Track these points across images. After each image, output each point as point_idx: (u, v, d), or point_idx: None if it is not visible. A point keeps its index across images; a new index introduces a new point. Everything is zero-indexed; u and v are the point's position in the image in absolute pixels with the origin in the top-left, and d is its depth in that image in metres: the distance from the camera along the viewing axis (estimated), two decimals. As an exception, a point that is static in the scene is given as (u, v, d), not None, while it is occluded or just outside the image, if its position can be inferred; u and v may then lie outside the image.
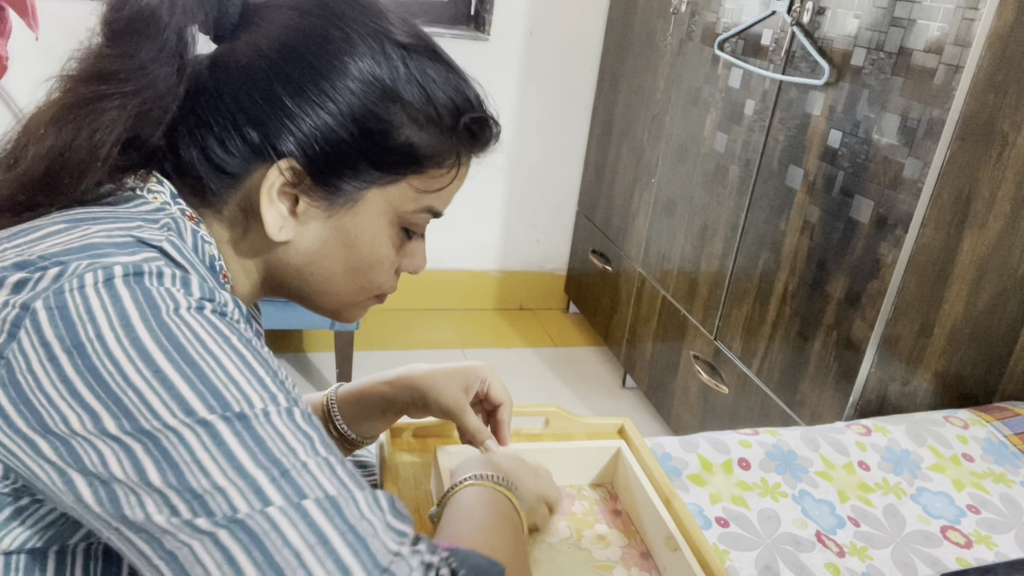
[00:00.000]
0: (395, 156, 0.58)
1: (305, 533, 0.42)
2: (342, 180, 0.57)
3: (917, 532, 1.02)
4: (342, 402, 0.82)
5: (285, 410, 0.46)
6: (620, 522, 0.84)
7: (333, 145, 0.56)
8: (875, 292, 1.31)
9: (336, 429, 0.81)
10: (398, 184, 0.59)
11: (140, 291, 0.45)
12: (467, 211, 2.65)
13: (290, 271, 0.61)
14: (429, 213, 0.62)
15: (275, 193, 0.56)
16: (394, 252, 0.62)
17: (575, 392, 2.30)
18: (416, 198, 0.60)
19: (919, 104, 1.23)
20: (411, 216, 0.61)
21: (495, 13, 2.41)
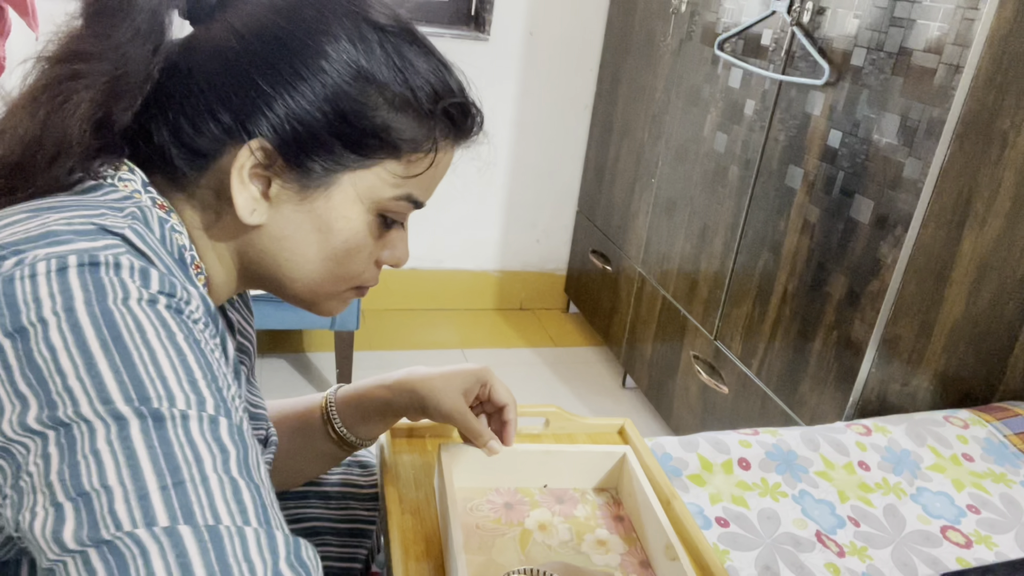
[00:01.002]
0: (370, 139, 0.56)
1: (171, 565, 0.39)
2: (315, 162, 0.56)
3: (917, 532, 1.02)
4: (341, 404, 0.82)
5: (208, 417, 0.44)
6: (622, 528, 0.84)
7: (306, 126, 0.54)
8: (875, 292, 1.31)
9: (335, 431, 0.81)
10: (374, 169, 0.58)
11: (91, 279, 0.44)
12: (467, 211, 2.65)
13: (264, 257, 0.59)
14: (409, 202, 0.61)
15: (246, 174, 0.55)
16: (372, 241, 0.61)
17: (575, 392, 2.30)
18: (394, 184, 0.59)
19: (919, 104, 1.23)
20: (389, 204, 0.60)
21: (495, 13, 2.41)
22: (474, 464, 0.85)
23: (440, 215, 2.62)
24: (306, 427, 0.82)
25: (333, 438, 0.82)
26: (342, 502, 0.88)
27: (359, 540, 0.87)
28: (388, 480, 0.84)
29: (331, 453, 0.83)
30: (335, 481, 0.90)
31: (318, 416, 0.82)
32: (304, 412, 0.83)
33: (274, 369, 2.21)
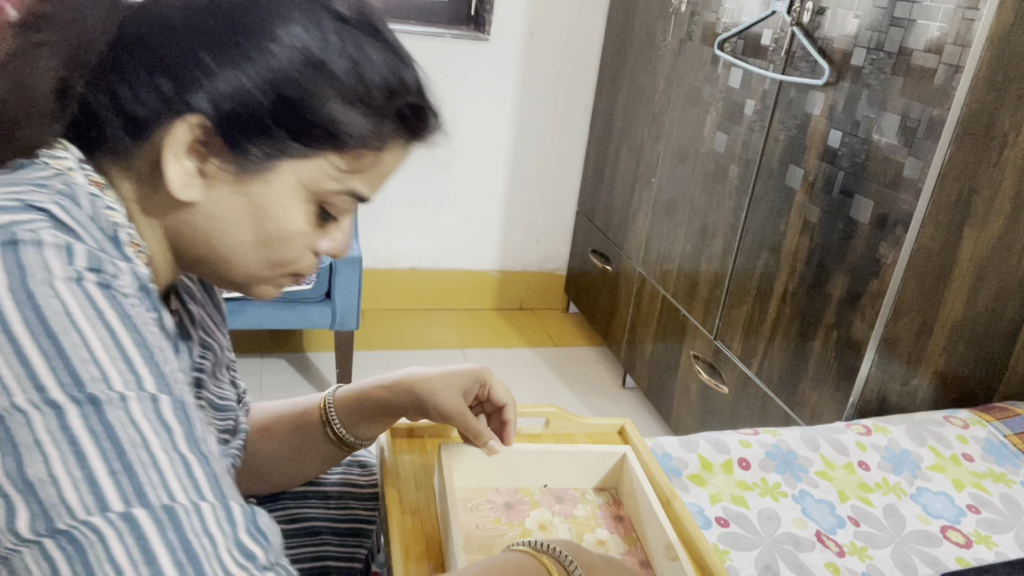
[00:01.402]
0: (314, 130, 0.54)
1: (131, 548, 0.39)
2: (254, 146, 0.54)
3: (917, 532, 1.02)
4: (339, 405, 0.82)
5: (149, 396, 0.43)
6: (622, 528, 0.84)
7: (248, 108, 0.53)
8: (875, 292, 1.31)
9: (334, 432, 0.81)
10: (316, 160, 0.56)
11: (13, 258, 0.42)
12: (467, 211, 2.65)
13: (197, 237, 0.57)
14: (352, 196, 0.59)
15: (181, 149, 0.53)
16: (310, 230, 0.59)
17: (575, 392, 2.30)
18: (337, 178, 0.57)
19: (919, 104, 1.23)
20: (330, 196, 0.58)
21: (495, 13, 2.41)
22: (474, 464, 0.85)
23: (440, 215, 2.62)
24: (304, 428, 0.82)
25: (332, 439, 0.81)
26: (341, 502, 0.88)
27: (359, 540, 0.87)
28: (388, 480, 0.84)
29: (330, 454, 0.83)
30: (335, 481, 0.90)
31: (316, 417, 0.82)
32: (302, 413, 0.82)
33: (274, 369, 2.21)
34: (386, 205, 2.55)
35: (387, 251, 2.62)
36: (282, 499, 0.86)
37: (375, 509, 0.90)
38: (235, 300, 1.87)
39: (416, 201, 2.58)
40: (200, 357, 0.68)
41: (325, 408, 0.82)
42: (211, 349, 0.71)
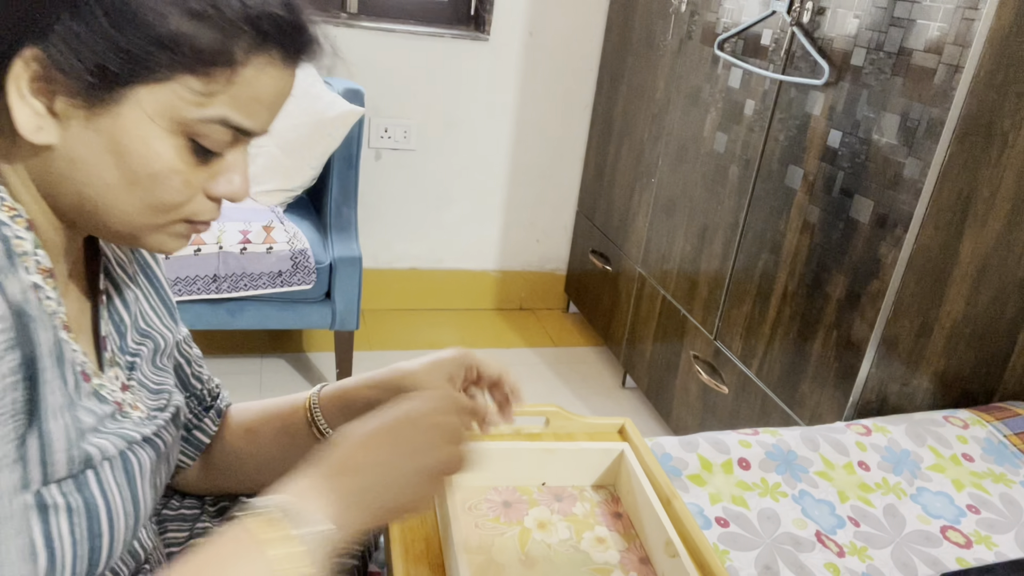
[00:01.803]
0: (156, 49, 0.50)
1: None
2: (96, 75, 0.50)
3: (917, 532, 1.02)
4: (326, 404, 0.80)
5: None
6: (621, 525, 0.84)
7: (81, 33, 0.49)
8: (875, 292, 1.31)
9: (320, 432, 0.80)
10: (169, 85, 0.51)
11: None
12: (467, 211, 2.65)
13: (64, 184, 0.54)
14: (225, 126, 0.54)
15: (25, 88, 0.50)
16: (186, 168, 0.54)
17: (575, 392, 2.30)
18: (196, 102, 0.52)
19: (919, 104, 1.23)
20: (198, 127, 0.53)
21: (495, 13, 2.41)
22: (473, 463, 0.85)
23: (440, 215, 2.62)
24: (290, 428, 0.81)
25: (319, 438, 0.80)
26: None
27: None
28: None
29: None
30: None
31: (302, 417, 0.81)
32: (288, 413, 0.81)
33: (274, 369, 2.21)
34: (386, 205, 2.55)
35: (387, 251, 2.62)
36: None
37: None
38: (235, 300, 1.87)
39: (416, 201, 2.58)
40: (136, 343, 0.68)
41: (311, 408, 0.80)
42: (150, 337, 0.70)
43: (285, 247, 1.85)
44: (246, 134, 0.56)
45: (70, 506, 0.53)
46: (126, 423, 0.61)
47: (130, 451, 0.60)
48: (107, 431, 0.58)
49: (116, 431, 0.59)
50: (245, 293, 1.85)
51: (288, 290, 1.89)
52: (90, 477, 0.55)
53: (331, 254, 1.95)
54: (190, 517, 0.84)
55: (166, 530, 0.81)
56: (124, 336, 0.66)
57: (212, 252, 1.78)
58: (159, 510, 0.83)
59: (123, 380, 0.65)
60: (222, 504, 0.86)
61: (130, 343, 0.67)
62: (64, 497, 0.53)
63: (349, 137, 1.95)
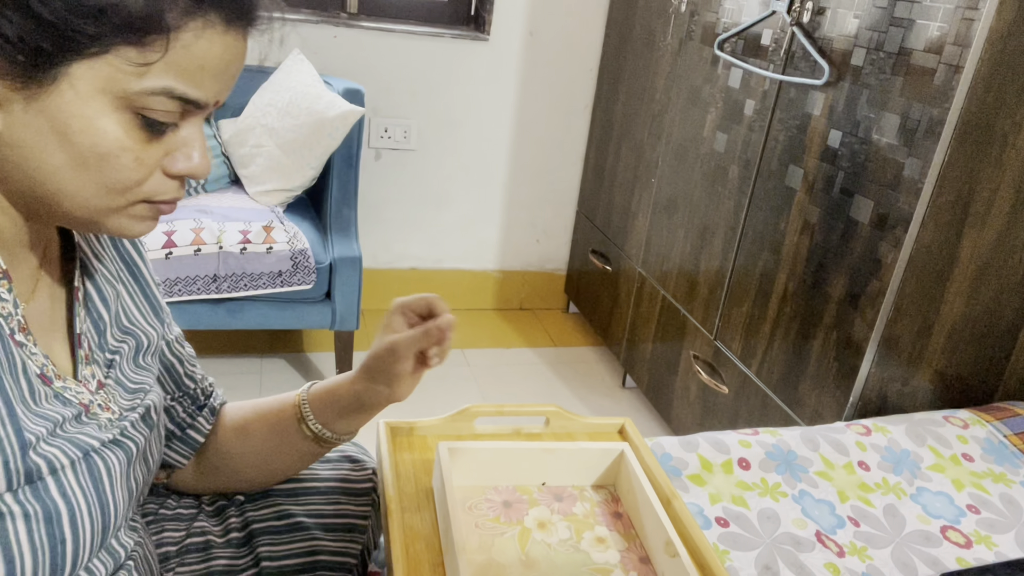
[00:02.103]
0: (83, 21, 0.48)
1: None
2: (28, 55, 0.48)
3: (917, 532, 1.02)
4: (315, 402, 0.81)
5: None
6: (621, 525, 0.84)
7: (10, 13, 0.47)
8: (875, 292, 1.31)
9: (310, 429, 0.80)
10: (105, 57, 0.49)
11: None
12: (467, 211, 2.65)
13: (13, 172, 0.52)
14: (170, 97, 0.52)
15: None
16: (134, 144, 0.52)
17: (575, 392, 2.30)
18: (137, 74, 0.50)
19: (919, 104, 1.23)
20: (141, 99, 0.51)
21: (495, 13, 2.41)
22: (473, 463, 0.85)
23: (440, 215, 2.62)
24: (280, 426, 0.81)
25: (309, 436, 0.80)
26: (332, 497, 0.88)
27: (352, 536, 0.87)
28: (387, 479, 0.84)
29: (309, 450, 0.82)
30: (326, 477, 0.90)
31: (291, 415, 0.81)
32: (278, 411, 0.82)
33: (274, 369, 2.21)
34: (386, 205, 2.55)
35: (387, 251, 2.62)
36: (272, 495, 0.86)
37: (367, 505, 0.90)
38: (235, 301, 1.87)
39: (416, 201, 2.58)
40: (117, 340, 0.67)
41: (300, 406, 0.80)
42: (132, 335, 0.69)
43: (285, 247, 1.85)
44: (195, 105, 0.54)
45: (27, 513, 0.52)
46: (89, 427, 0.60)
47: (96, 454, 0.59)
48: (66, 435, 0.57)
49: (75, 437, 0.57)
50: (245, 293, 1.85)
51: (288, 290, 1.89)
52: (50, 483, 0.54)
53: (331, 254, 1.95)
54: (187, 517, 0.84)
55: (163, 529, 0.81)
56: (103, 333, 0.65)
57: (212, 252, 1.78)
58: (156, 510, 0.83)
59: (99, 378, 0.64)
60: (219, 503, 0.86)
61: (110, 340, 0.66)
62: (21, 505, 0.52)
63: (349, 137, 1.95)
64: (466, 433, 0.95)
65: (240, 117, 2.09)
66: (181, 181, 0.57)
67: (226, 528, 0.84)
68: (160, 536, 0.80)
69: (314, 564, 0.84)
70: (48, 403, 0.56)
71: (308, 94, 1.96)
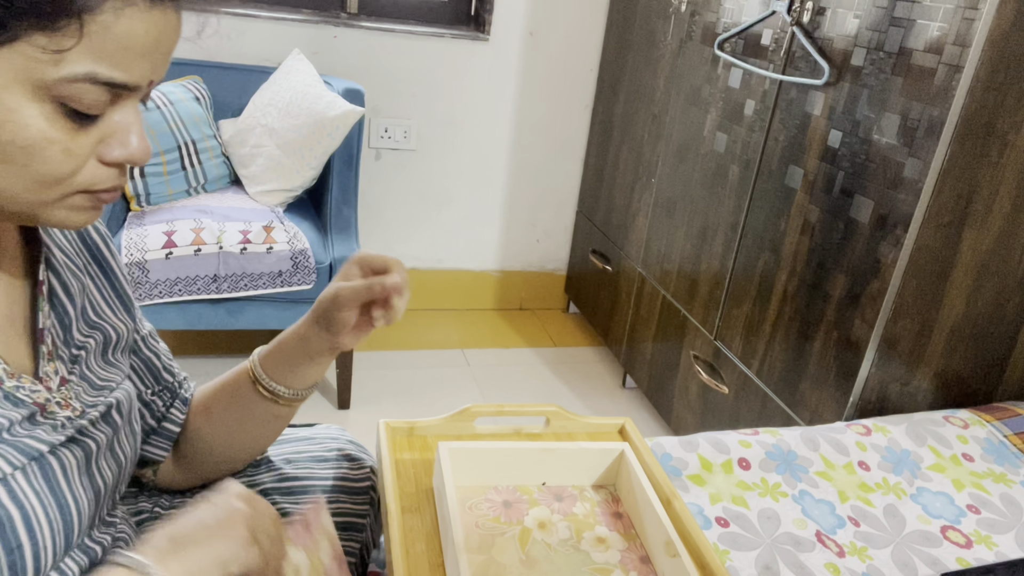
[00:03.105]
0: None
1: None
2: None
3: (917, 532, 1.02)
4: (265, 360, 0.79)
5: None
6: (621, 525, 0.84)
7: None
8: (875, 292, 1.31)
9: (264, 388, 0.78)
10: (16, 46, 0.46)
11: None
12: (467, 211, 2.65)
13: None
14: (94, 83, 0.48)
15: None
16: (60, 135, 0.49)
17: (575, 392, 2.30)
18: (52, 60, 0.47)
19: (919, 104, 1.23)
20: (62, 87, 0.48)
21: (495, 13, 2.41)
22: (473, 463, 0.85)
23: (440, 215, 2.62)
24: (239, 395, 0.80)
25: (266, 395, 0.79)
26: (330, 495, 0.88)
27: (351, 534, 0.87)
28: (388, 479, 0.84)
29: (271, 413, 0.80)
30: (324, 475, 0.90)
31: (246, 380, 0.79)
32: (234, 381, 0.81)
33: (274, 369, 2.20)
34: (386, 205, 2.55)
35: (387, 251, 2.61)
36: (270, 494, 0.86)
37: (366, 504, 0.90)
38: (235, 301, 1.87)
39: (416, 201, 2.58)
40: (84, 335, 0.66)
41: (252, 369, 0.79)
42: (99, 329, 0.68)
43: (285, 247, 1.85)
44: (125, 88, 0.50)
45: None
46: (42, 428, 0.58)
47: (51, 455, 0.57)
48: (12, 440, 0.55)
49: (21, 442, 0.56)
50: (245, 293, 1.85)
51: (288, 290, 1.89)
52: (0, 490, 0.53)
53: (331, 254, 1.95)
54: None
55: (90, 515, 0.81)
56: (68, 328, 0.64)
57: (212, 252, 1.78)
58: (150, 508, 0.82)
59: (63, 374, 0.62)
60: None
61: (76, 335, 0.65)
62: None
63: (349, 137, 1.95)
64: (466, 433, 0.95)
65: (240, 117, 2.09)
66: (121, 168, 0.54)
67: None
68: None
69: None
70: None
71: (308, 94, 1.96)
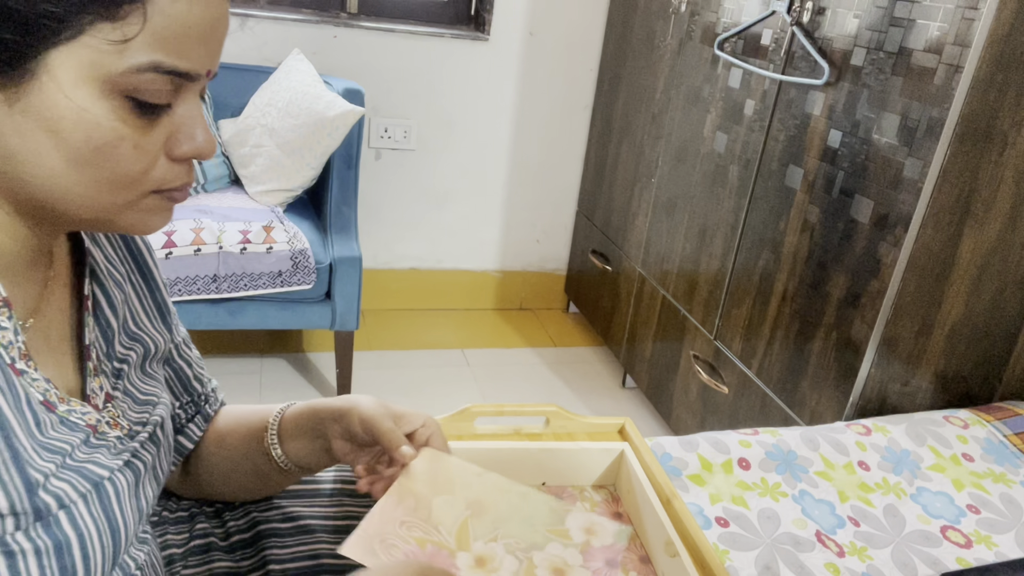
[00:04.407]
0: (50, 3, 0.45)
1: None
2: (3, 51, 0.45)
3: (917, 532, 1.02)
4: (287, 417, 0.76)
5: None
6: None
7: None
8: (875, 292, 1.31)
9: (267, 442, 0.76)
10: (82, 39, 0.46)
11: None
12: (467, 211, 2.65)
13: (13, 182, 0.49)
14: (158, 72, 0.48)
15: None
16: (131, 131, 0.49)
17: (575, 392, 2.30)
18: (118, 51, 0.46)
19: (919, 104, 1.23)
20: (129, 79, 0.47)
21: (495, 13, 2.41)
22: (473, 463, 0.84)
23: (440, 215, 2.62)
24: (251, 436, 0.78)
25: (264, 452, 0.76)
26: (335, 499, 0.88)
27: None
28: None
29: (265, 470, 0.78)
30: (329, 478, 0.90)
31: (262, 426, 0.77)
32: (258, 420, 0.78)
33: (274, 369, 2.21)
34: (386, 205, 2.55)
35: (387, 251, 2.62)
36: (275, 497, 0.86)
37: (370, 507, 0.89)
38: (235, 301, 1.87)
39: (416, 201, 2.58)
40: (125, 348, 0.65)
41: (273, 417, 0.76)
42: (140, 341, 0.67)
43: (285, 247, 1.85)
44: (187, 77, 0.50)
45: (38, 548, 0.50)
46: (98, 452, 0.57)
47: (107, 482, 0.57)
48: (76, 466, 0.54)
49: (84, 467, 0.55)
50: (245, 293, 1.85)
51: (288, 290, 1.89)
52: (62, 517, 0.52)
53: (331, 254, 1.95)
54: (187, 519, 0.83)
55: (166, 532, 0.81)
56: (111, 341, 0.63)
57: (212, 252, 1.78)
58: (158, 511, 0.82)
59: (107, 390, 0.62)
60: (217, 505, 0.86)
61: (118, 348, 0.64)
62: (32, 541, 0.50)
63: (349, 137, 1.95)
64: (466, 433, 0.95)
65: (240, 117, 2.09)
66: (188, 164, 0.54)
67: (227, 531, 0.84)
68: (163, 539, 0.80)
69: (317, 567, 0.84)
70: (55, 431, 0.54)
71: (308, 94, 1.96)
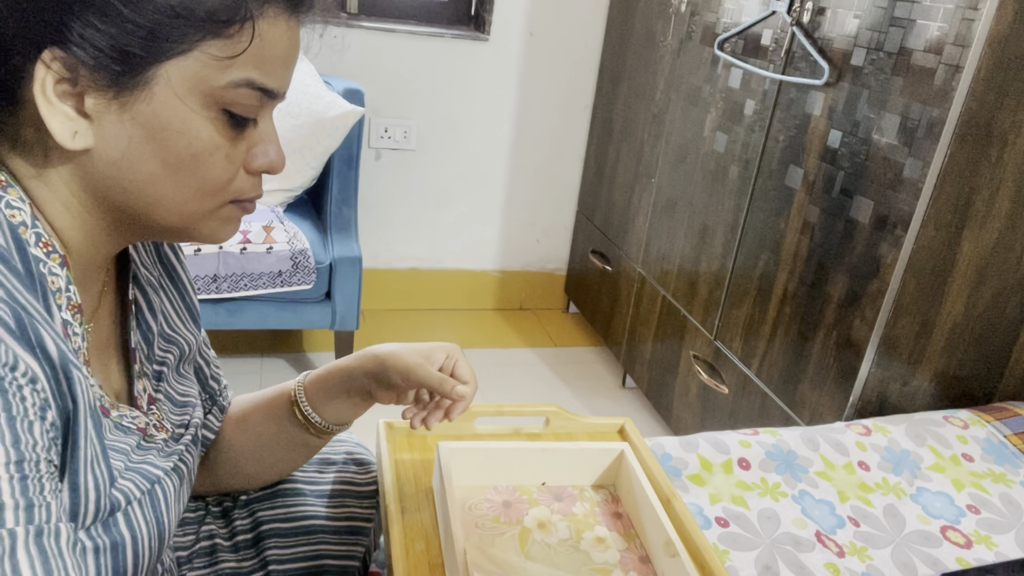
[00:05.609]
0: (171, 21, 0.48)
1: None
2: (118, 60, 0.48)
3: (917, 532, 1.02)
4: (309, 384, 0.80)
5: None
6: (620, 525, 0.84)
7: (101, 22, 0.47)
8: (875, 292, 1.31)
9: (301, 412, 0.79)
10: (192, 55, 0.50)
11: None
12: (467, 211, 2.65)
13: (110, 188, 0.52)
14: (252, 88, 0.52)
15: (51, 93, 0.48)
16: (224, 141, 0.53)
17: (575, 392, 2.30)
18: (221, 68, 0.51)
19: (919, 104, 1.23)
20: (228, 94, 0.51)
21: (495, 13, 2.41)
22: (473, 463, 0.85)
23: (440, 215, 2.62)
24: (276, 413, 0.80)
25: (300, 421, 0.79)
26: (339, 500, 0.88)
27: (356, 538, 0.87)
28: (387, 479, 0.84)
29: (300, 439, 0.81)
30: (332, 479, 0.90)
31: (286, 400, 0.80)
32: (276, 397, 0.81)
33: (274, 369, 2.21)
34: (386, 205, 2.55)
35: (387, 251, 2.62)
36: (279, 497, 0.86)
37: (373, 507, 0.90)
38: (235, 300, 1.87)
39: (416, 201, 2.58)
40: (163, 351, 0.67)
41: (296, 389, 0.80)
42: (175, 343, 0.69)
43: (285, 247, 1.85)
44: (271, 95, 0.54)
45: (97, 547, 0.53)
46: (151, 454, 0.60)
47: (158, 484, 0.59)
48: (135, 466, 0.57)
49: (142, 467, 0.57)
50: (245, 293, 1.85)
51: (288, 290, 1.89)
52: (119, 518, 0.54)
53: (331, 254, 1.95)
54: (194, 520, 0.84)
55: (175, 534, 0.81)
56: (151, 345, 0.65)
57: (212, 252, 1.78)
58: None
59: (150, 392, 0.63)
60: (225, 505, 0.86)
61: (157, 351, 0.66)
62: (92, 540, 0.52)
63: (349, 137, 1.95)
64: (466, 433, 0.95)
65: (240, 117, 2.09)
66: (259, 178, 0.58)
67: (232, 531, 0.84)
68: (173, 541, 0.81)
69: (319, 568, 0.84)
70: (112, 434, 0.56)
71: (308, 94, 1.96)
